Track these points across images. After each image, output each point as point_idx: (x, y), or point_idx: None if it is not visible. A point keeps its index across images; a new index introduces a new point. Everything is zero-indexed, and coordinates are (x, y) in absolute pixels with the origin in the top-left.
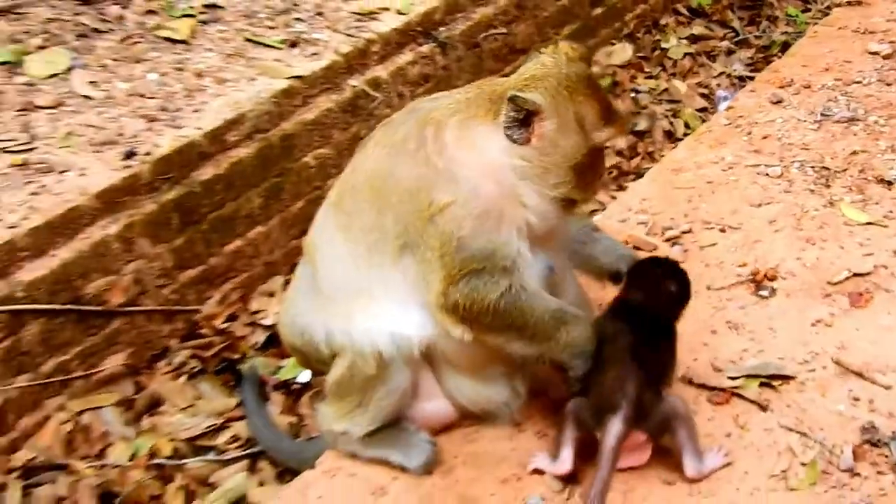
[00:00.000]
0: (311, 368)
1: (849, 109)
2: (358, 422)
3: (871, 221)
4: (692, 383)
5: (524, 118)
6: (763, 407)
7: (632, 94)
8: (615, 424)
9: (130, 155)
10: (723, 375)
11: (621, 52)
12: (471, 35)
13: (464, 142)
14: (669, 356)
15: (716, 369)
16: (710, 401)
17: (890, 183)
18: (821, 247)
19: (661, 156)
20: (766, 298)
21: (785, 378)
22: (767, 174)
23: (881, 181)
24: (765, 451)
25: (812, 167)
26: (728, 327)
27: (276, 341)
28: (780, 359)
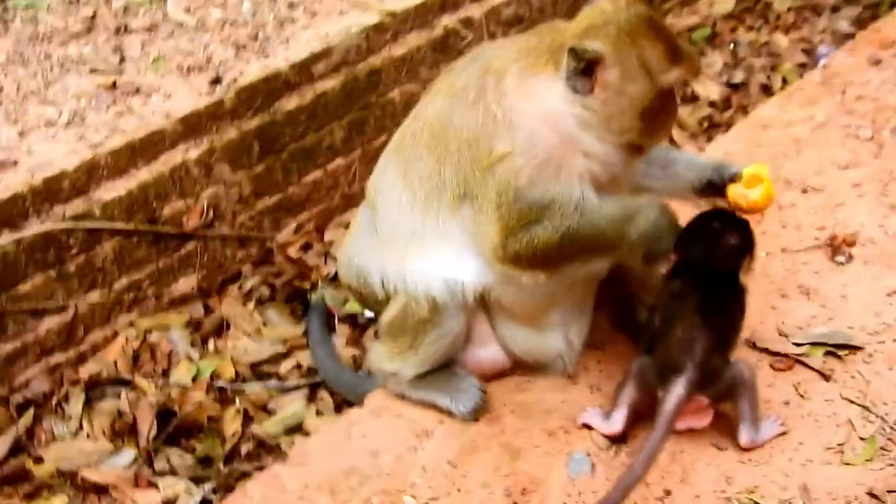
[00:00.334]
0: (368, 308)
1: None
2: (409, 363)
3: None
4: (755, 347)
5: (586, 68)
6: (826, 377)
7: (730, 46)
8: (678, 387)
9: (216, 81)
10: (788, 341)
11: (724, 3)
12: None
13: (524, 92)
14: (739, 315)
15: (782, 334)
16: (773, 366)
17: None
18: None
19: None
20: (843, 265)
21: (852, 348)
22: (857, 136)
23: None
24: (823, 423)
25: None
26: (800, 292)
27: None
28: (850, 328)
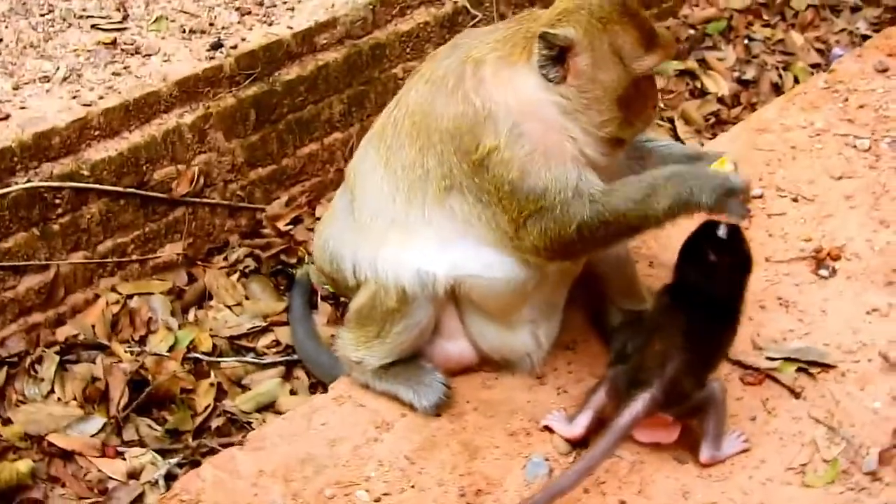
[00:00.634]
0: (339, 293)
1: None
2: (374, 352)
3: None
4: (728, 359)
5: (557, 55)
6: (796, 394)
7: (745, 41)
8: (637, 404)
9: (217, 46)
10: (762, 354)
11: None
12: None
13: (501, 80)
14: (725, 341)
15: (756, 347)
16: (743, 380)
17: None
18: (895, 231)
19: None
20: (826, 278)
21: (825, 366)
22: (855, 146)
23: None
24: (788, 441)
25: None
26: (779, 304)
27: None
28: (826, 345)
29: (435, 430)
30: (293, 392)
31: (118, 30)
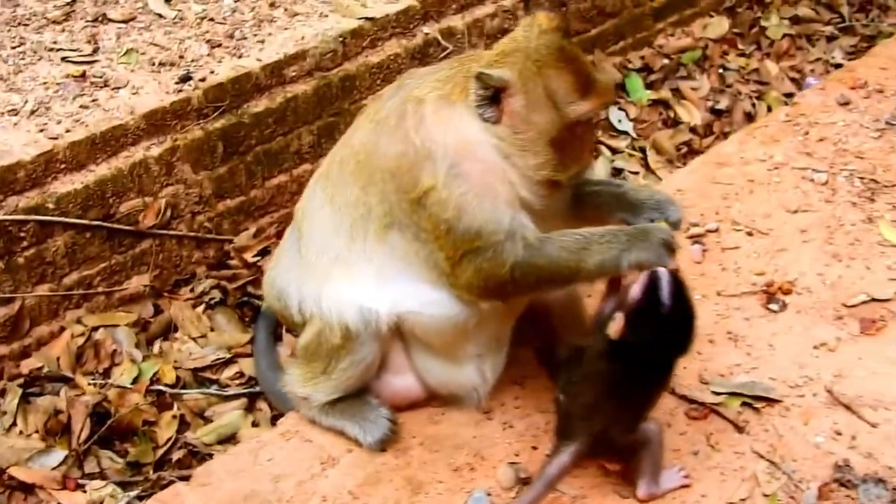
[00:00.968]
0: (289, 329)
1: None
2: (321, 389)
3: None
4: (674, 393)
5: (493, 95)
6: (740, 428)
7: (719, 70)
8: (563, 456)
9: (186, 79)
10: (707, 389)
11: (717, 26)
12: None
13: (441, 120)
14: (658, 391)
15: (702, 381)
16: (688, 414)
17: None
18: (847, 265)
19: None
20: (775, 313)
21: (770, 401)
22: (812, 180)
23: None
24: (729, 476)
25: (861, 178)
26: (727, 338)
27: None
28: (772, 379)
29: (379, 466)
30: (255, 424)
31: (88, 62)
